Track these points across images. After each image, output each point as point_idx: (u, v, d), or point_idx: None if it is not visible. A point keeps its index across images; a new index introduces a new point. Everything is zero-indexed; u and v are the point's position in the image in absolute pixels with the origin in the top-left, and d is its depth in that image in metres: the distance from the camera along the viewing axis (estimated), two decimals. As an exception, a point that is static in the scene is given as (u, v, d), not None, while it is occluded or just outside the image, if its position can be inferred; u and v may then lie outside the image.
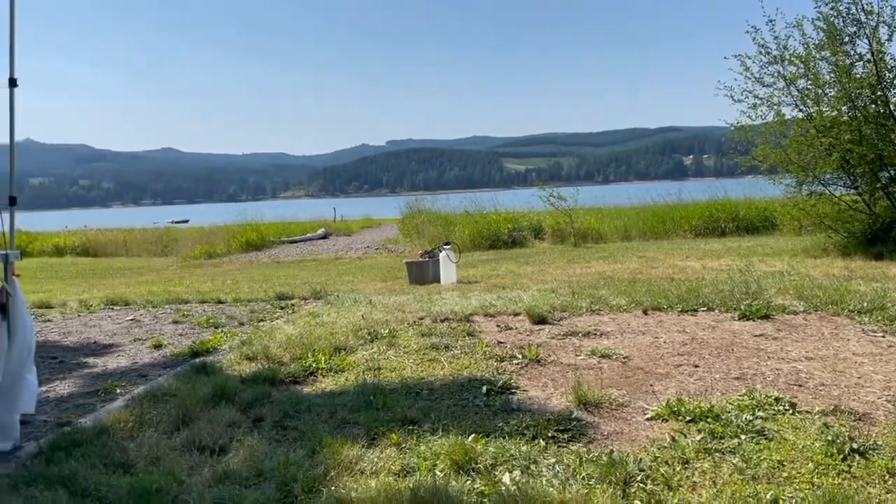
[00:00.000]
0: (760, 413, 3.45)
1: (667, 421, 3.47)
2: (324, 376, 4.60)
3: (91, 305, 8.67)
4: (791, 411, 3.49)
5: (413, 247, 17.98)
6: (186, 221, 45.32)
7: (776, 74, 11.23)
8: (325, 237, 25.28)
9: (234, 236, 22.59)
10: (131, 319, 7.52)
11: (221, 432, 3.48)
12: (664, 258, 11.53)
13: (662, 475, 2.79)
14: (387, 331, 5.73)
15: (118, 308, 8.51)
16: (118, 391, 4.52)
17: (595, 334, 5.47)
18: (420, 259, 10.65)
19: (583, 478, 2.80)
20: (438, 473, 2.90)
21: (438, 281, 9.93)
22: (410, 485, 2.76)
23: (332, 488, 2.80)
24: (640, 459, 2.96)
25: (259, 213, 27.28)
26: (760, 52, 11.23)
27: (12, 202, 3.58)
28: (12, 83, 3.57)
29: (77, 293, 10.28)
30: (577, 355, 4.85)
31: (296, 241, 23.58)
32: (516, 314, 6.39)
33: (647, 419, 3.54)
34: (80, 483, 2.89)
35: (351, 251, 19.17)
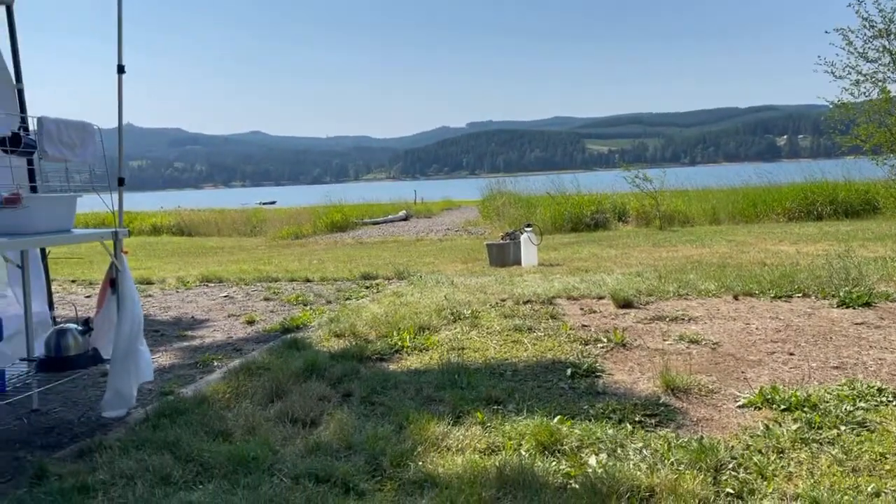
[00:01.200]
0: (862, 404, 3.30)
1: (760, 409, 3.37)
2: (409, 354, 4.69)
3: (188, 282, 9.10)
4: (895, 402, 3.32)
5: (493, 229, 17.96)
6: (273, 203, 46.71)
7: (881, 49, 10.60)
8: (405, 219, 25.57)
9: (319, 217, 23.15)
10: (225, 296, 7.85)
11: (312, 405, 3.60)
12: (755, 242, 11.10)
13: (756, 464, 2.71)
14: (469, 312, 5.77)
15: (212, 285, 8.90)
16: (215, 364, 4.74)
17: (683, 319, 5.34)
18: (501, 241, 10.64)
19: (671, 463, 2.76)
20: (523, 453, 2.92)
21: (519, 263, 9.90)
22: (496, 463, 2.79)
23: (420, 463, 2.86)
24: (732, 447, 2.89)
25: (342, 195, 27.85)
26: (864, 26, 10.62)
27: (121, 182, 3.79)
28: (120, 70, 3.77)
29: (174, 270, 10.79)
30: (664, 340, 4.75)
31: (378, 223, 23.96)
32: (600, 297, 6.31)
33: (739, 406, 3.44)
34: (183, 448, 3.06)
35: (431, 233, 19.32)
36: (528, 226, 10.42)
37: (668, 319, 5.34)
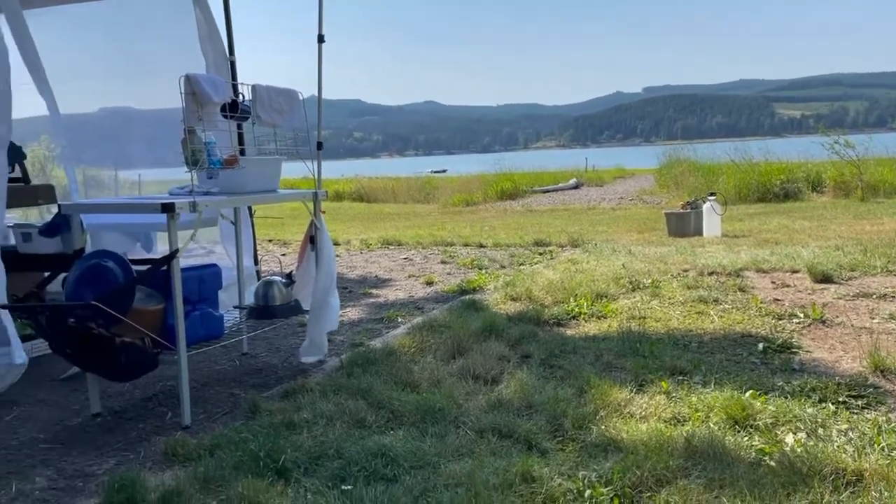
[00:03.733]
0: None
1: None
2: (586, 321, 4.65)
3: (370, 244, 9.61)
4: None
5: (670, 198, 17.20)
6: (444, 171, 47.79)
7: None
8: (576, 187, 25.16)
9: (489, 185, 23.38)
10: (404, 258, 8.21)
11: (493, 364, 3.69)
12: (982, 216, 9.76)
13: None
14: (649, 281, 5.60)
15: (392, 248, 9.33)
16: (399, 320, 4.98)
17: (893, 297, 4.84)
18: (681, 210, 10.17)
19: (882, 448, 2.53)
20: (712, 426, 2.81)
21: (700, 233, 9.43)
22: (683, 433, 2.71)
23: (602, 427, 2.85)
24: (957, 438, 2.60)
25: (512, 163, 27.88)
26: None
27: (319, 147, 4.05)
28: (320, 39, 4.00)
29: (356, 234, 11.43)
30: (871, 318, 4.34)
31: (548, 191, 23.79)
32: (794, 271, 5.87)
33: (965, 395, 3.08)
34: (375, 395, 3.27)
35: (604, 201, 18.88)
36: (712, 194, 9.87)
37: (875, 297, 4.87)
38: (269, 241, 10.43)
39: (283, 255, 8.77)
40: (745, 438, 2.69)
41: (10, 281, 4.54)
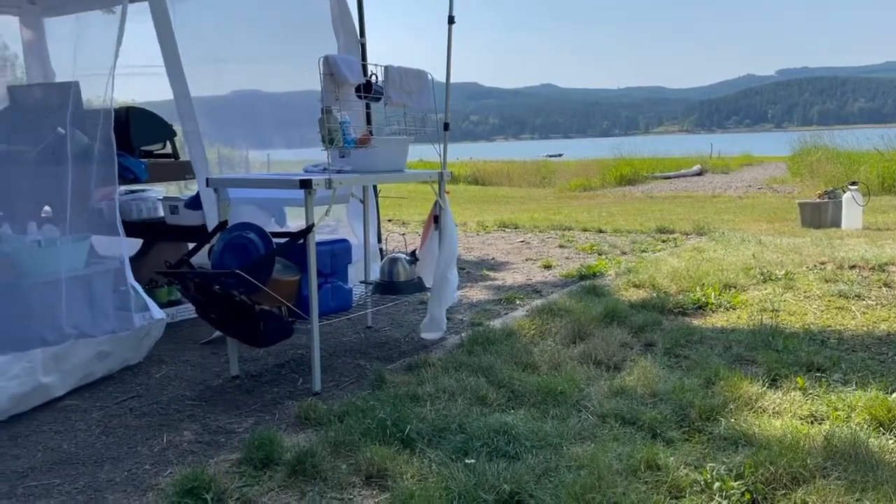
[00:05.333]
0: None
1: None
2: (713, 311, 4.48)
3: (487, 226, 9.65)
4: None
5: (803, 187, 16.17)
6: (560, 155, 47.12)
7: None
8: (699, 174, 24.13)
9: (607, 170, 22.86)
10: (521, 241, 8.19)
11: (615, 350, 3.63)
12: None
13: None
14: (782, 273, 5.31)
15: (508, 230, 9.33)
16: (517, 302, 4.99)
17: None
18: (817, 200, 9.55)
19: None
20: (853, 426, 2.65)
21: (838, 225, 8.83)
22: (822, 432, 2.57)
23: (732, 420, 2.75)
24: None
25: (631, 148, 27.10)
26: None
27: (446, 127, 4.10)
28: (450, 20, 4.03)
29: (472, 216, 11.50)
30: None
31: (669, 177, 22.96)
32: (949, 268, 5.39)
33: None
34: (496, 374, 3.30)
35: (729, 189, 18.01)
36: (853, 184, 9.20)
37: None
38: (388, 220, 10.69)
39: (402, 234, 8.97)
40: (892, 442, 2.52)
41: (157, 250, 4.91)
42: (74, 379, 3.33)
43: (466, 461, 2.45)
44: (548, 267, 6.36)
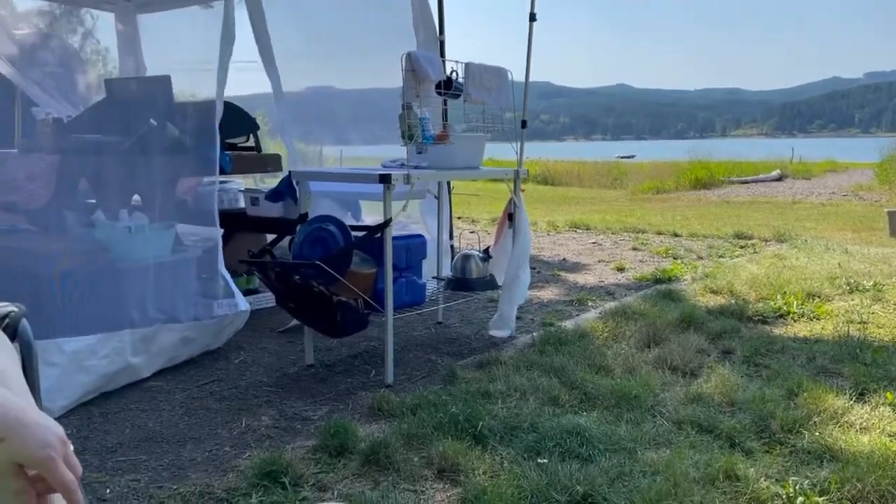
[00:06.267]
0: None
1: None
2: (795, 321, 4.32)
3: (557, 226, 9.57)
4: None
5: (892, 195, 15.41)
6: (632, 157, 46.25)
7: None
8: (779, 179, 23.26)
9: (682, 173, 22.30)
10: (593, 242, 8.09)
11: (691, 357, 3.55)
12: None
13: None
14: (871, 283, 5.08)
15: (580, 231, 9.22)
16: (590, 304, 4.93)
17: None
18: (909, 208, 9.09)
19: None
20: (949, 447, 2.51)
21: (932, 236, 8.39)
22: (915, 451, 2.45)
23: (816, 434, 2.65)
24: None
25: (707, 151, 26.35)
26: None
27: (524, 125, 4.08)
28: (532, 17, 4.01)
29: (542, 216, 11.41)
30: None
31: (746, 182, 22.22)
32: None
33: None
34: (568, 375, 3.27)
35: (811, 196, 17.30)
36: (949, 192, 8.72)
37: None
38: (458, 217, 10.72)
39: (472, 231, 8.99)
40: None
41: (237, 240, 5.06)
42: (160, 361, 3.47)
43: (539, 460, 2.44)
44: (621, 269, 6.26)
